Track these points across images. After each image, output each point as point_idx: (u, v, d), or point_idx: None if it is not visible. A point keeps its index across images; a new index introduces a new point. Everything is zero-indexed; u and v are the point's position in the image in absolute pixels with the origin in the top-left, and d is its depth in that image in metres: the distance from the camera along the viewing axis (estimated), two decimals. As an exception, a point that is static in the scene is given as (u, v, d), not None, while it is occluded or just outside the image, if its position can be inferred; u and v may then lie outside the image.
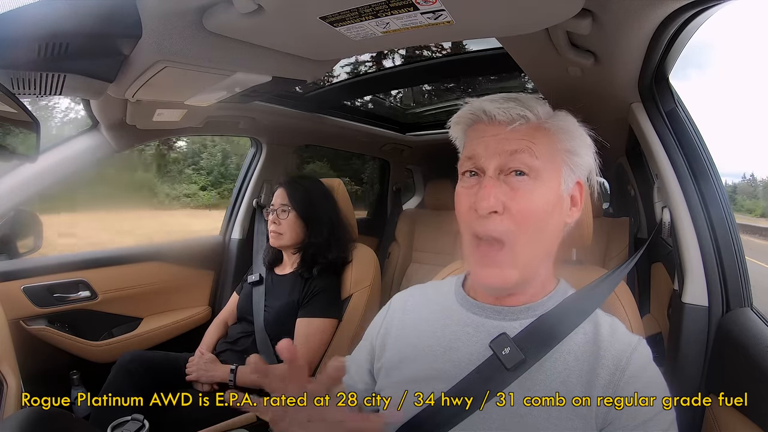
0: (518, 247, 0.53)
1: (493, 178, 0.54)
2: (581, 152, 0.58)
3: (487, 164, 0.54)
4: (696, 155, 0.89)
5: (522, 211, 0.53)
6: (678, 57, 0.85)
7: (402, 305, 0.69)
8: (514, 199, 0.53)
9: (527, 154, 0.53)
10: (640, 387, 0.52)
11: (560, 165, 0.56)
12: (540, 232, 0.54)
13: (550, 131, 0.56)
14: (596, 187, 0.64)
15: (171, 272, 1.55)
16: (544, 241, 0.56)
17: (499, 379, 0.55)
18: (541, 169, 0.54)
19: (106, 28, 0.65)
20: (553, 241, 0.58)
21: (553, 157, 0.55)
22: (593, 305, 0.60)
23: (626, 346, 0.54)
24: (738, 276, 0.83)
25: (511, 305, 0.60)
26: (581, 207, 0.59)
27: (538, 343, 0.55)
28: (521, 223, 0.53)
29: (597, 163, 0.61)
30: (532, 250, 0.54)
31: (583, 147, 0.58)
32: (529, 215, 0.53)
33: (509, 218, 0.53)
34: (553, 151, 0.55)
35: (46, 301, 1.25)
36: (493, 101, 0.56)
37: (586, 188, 0.60)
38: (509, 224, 0.53)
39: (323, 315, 1.23)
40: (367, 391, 0.69)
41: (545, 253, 0.58)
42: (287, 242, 1.31)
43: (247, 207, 1.75)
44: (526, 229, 0.53)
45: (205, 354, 1.26)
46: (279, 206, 1.31)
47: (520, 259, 0.54)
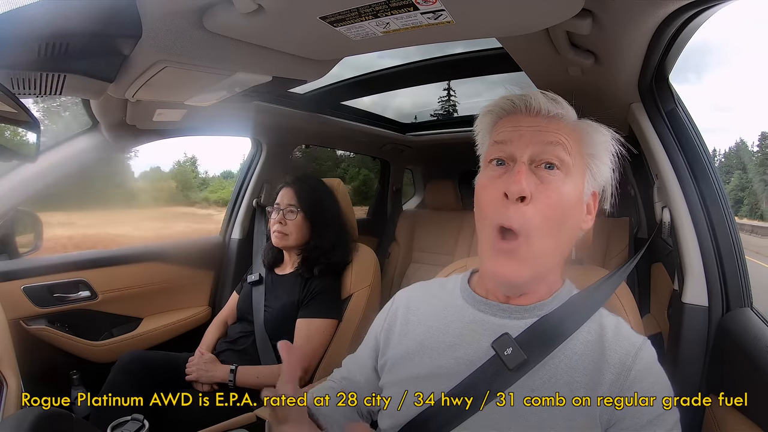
0: (534, 243, 0.52)
1: (525, 165, 0.53)
2: (605, 160, 0.59)
3: (521, 152, 0.53)
4: (696, 155, 0.89)
5: (549, 203, 0.52)
6: (678, 57, 0.85)
7: (406, 302, 0.69)
8: (543, 191, 0.52)
9: (561, 148, 0.53)
10: (644, 387, 0.52)
11: (585, 168, 0.57)
12: (560, 229, 0.54)
13: (581, 133, 0.57)
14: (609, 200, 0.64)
15: (171, 272, 1.55)
16: (560, 240, 0.56)
17: (502, 380, 0.55)
18: (571, 166, 0.54)
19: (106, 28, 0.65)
20: (568, 243, 0.58)
21: (581, 158, 0.57)
22: (595, 306, 0.60)
23: (631, 346, 0.54)
24: (738, 276, 0.83)
25: (517, 304, 0.60)
26: (594, 217, 0.60)
27: (541, 343, 0.55)
28: (545, 216, 0.52)
29: (615, 177, 0.61)
30: (548, 248, 0.54)
31: (605, 157, 0.59)
32: (555, 209, 0.52)
33: (534, 209, 0.52)
34: (581, 152, 0.57)
35: (46, 301, 1.25)
36: (534, 95, 0.57)
37: (599, 200, 0.62)
38: (533, 215, 0.52)
39: (323, 315, 1.23)
40: (371, 388, 0.69)
41: (559, 254, 0.58)
42: (292, 243, 1.30)
43: (247, 207, 1.75)
44: (548, 223, 0.52)
45: (205, 354, 1.26)
46: (286, 206, 1.30)
47: (533, 256, 0.53)
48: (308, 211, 1.30)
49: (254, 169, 1.76)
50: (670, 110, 0.94)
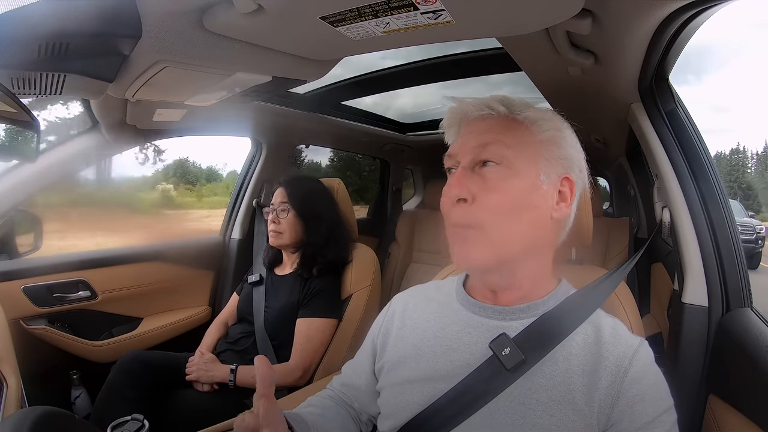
0: (488, 231, 0.54)
1: (465, 169, 0.56)
2: (563, 144, 0.58)
3: (461, 157, 0.57)
4: (696, 155, 0.89)
5: (492, 199, 0.54)
6: (678, 57, 0.85)
7: (403, 305, 0.69)
8: (484, 188, 0.54)
9: (497, 146, 0.55)
10: (642, 389, 0.52)
11: (536, 156, 0.56)
12: (513, 220, 0.54)
13: (523, 123, 0.57)
14: (590, 183, 0.63)
15: (171, 272, 1.55)
16: (520, 230, 0.55)
17: (500, 380, 0.54)
18: (513, 158, 0.55)
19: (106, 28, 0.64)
20: (534, 233, 0.56)
21: (527, 148, 0.56)
22: (594, 305, 0.60)
23: (628, 347, 0.54)
24: (738, 276, 0.83)
25: (509, 304, 0.59)
26: (572, 203, 0.58)
27: (539, 343, 0.55)
28: (491, 211, 0.54)
29: (584, 157, 0.60)
30: (505, 236, 0.54)
31: (563, 139, 0.58)
32: (499, 203, 0.54)
33: (478, 207, 0.54)
34: (526, 142, 0.56)
35: (46, 301, 1.25)
36: (471, 100, 0.59)
37: (578, 184, 0.59)
38: (479, 212, 0.54)
39: (323, 315, 1.24)
40: (371, 391, 0.69)
41: (525, 244, 0.56)
42: (286, 241, 1.31)
43: (247, 207, 1.75)
44: (496, 216, 0.54)
45: (206, 354, 1.26)
46: (278, 205, 1.32)
47: (491, 241, 0.54)
48: (299, 208, 1.30)
49: (254, 169, 1.76)
50: (670, 110, 0.93)
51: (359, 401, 0.71)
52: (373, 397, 0.69)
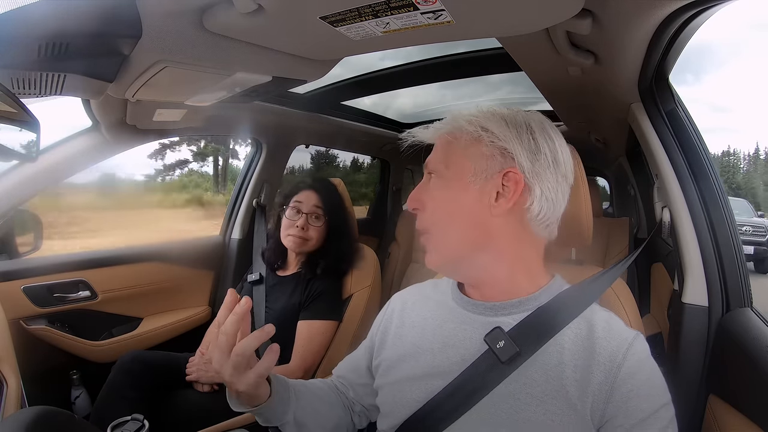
0: (434, 234, 0.61)
1: (421, 182, 0.64)
2: (488, 140, 0.57)
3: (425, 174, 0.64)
4: (696, 155, 0.89)
5: (431, 206, 0.61)
6: (678, 57, 0.85)
7: (401, 304, 0.71)
8: (428, 196, 0.61)
9: (433, 159, 0.62)
10: (636, 384, 0.51)
11: (461, 159, 0.58)
12: (449, 222, 0.59)
13: (452, 133, 0.61)
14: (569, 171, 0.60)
15: (171, 272, 1.55)
16: (459, 229, 0.58)
17: (496, 373, 0.55)
18: (442, 168, 0.60)
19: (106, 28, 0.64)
20: (474, 230, 0.57)
21: (452, 154, 0.60)
22: (589, 300, 0.60)
23: (622, 342, 0.54)
24: (738, 276, 0.83)
25: (497, 300, 0.60)
26: (515, 198, 0.56)
27: (533, 335, 0.56)
28: (432, 216, 0.60)
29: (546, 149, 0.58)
30: (446, 237, 0.59)
31: (495, 135, 0.57)
32: (436, 209, 0.60)
33: (424, 213, 0.61)
34: (452, 149, 0.60)
35: (46, 301, 1.25)
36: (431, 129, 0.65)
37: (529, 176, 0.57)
38: (424, 218, 0.61)
39: (324, 317, 1.23)
40: (363, 385, 0.71)
41: (468, 241, 0.58)
42: (311, 249, 1.27)
43: (247, 207, 1.75)
44: (437, 220, 0.60)
45: (206, 354, 1.26)
46: (312, 210, 1.26)
47: (437, 243, 0.60)
48: (332, 217, 1.27)
49: (254, 169, 1.76)
50: (670, 110, 0.94)
51: (354, 391, 0.73)
52: (366, 390, 0.71)
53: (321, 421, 0.67)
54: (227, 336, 0.52)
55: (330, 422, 0.68)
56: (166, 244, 1.75)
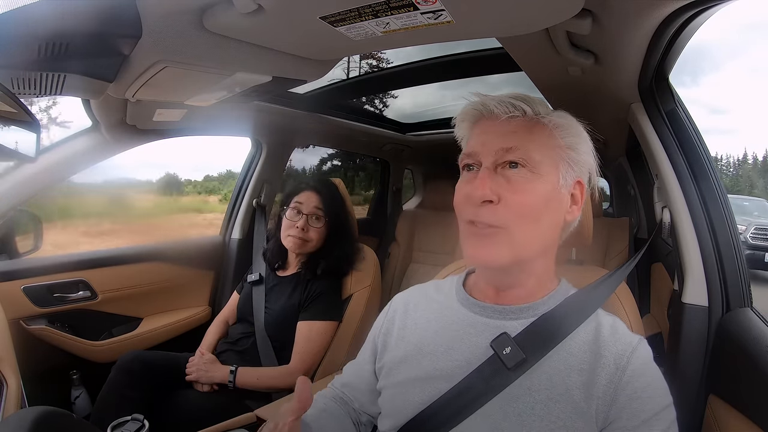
0: (512, 232, 0.54)
1: (489, 170, 0.55)
2: (580, 149, 0.59)
3: (485, 157, 0.56)
4: (696, 155, 0.89)
5: (518, 201, 0.54)
6: (678, 57, 0.85)
7: (403, 305, 0.70)
8: (510, 189, 0.54)
9: (523, 148, 0.55)
10: (640, 386, 0.52)
11: (558, 160, 0.57)
12: (535, 222, 0.55)
13: (547, 127, 0.57)
14: (597, 188, 0.65)
15: (171, 272, 1.55)
16: (540, 232, 0.56)
17: (500, 379, 0.55)
18: (538, 161, 0.55)
19: (106, 28, 0.64)
20: (550, 235, 0.58)
21: (551, 151, 0.56)
22: (594, 305, 0.60)
23: (627, 345, 0.54)
24: (738, 276, 0.83)
25: (510, 304, 0.60)
26: (581, 206, 0.60)
27: (539, 342, 0.56)
28: (517, 213, 0.54)
29: (597, 162, 0.62)
30: (526, 238, 0.55)
31: (581, 144, 0.59)
32: (525, 205, 0.54)
33: (504, 208, 0.54)
34: (550, 146, 0.57)
35: (46, 301, 1.25)
36: (494, 98, 0.58)
37: (587, 189, 0.61)
38: (504, 213, 0.54)
39: (324, 318, 1.23)
40: (369, 392, 0.70)
41: (542, 245, 0.58)
42: (311, 250, 1.28)
43: (247, 207, 1.75)
44: (521, 218, 0.54)
45: (206, 354, 1.26)
46: (312, 211, 1.26)
47: (513, 242, 0.55)
48: (332, 218, 1.27)
49: (254, 169, 1.76)
50: (670, 110, 0.94)
51: (359, 401, 0.72)
52: (373, 397, 0.69)
53: None
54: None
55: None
56: (166, 244, 1.74)
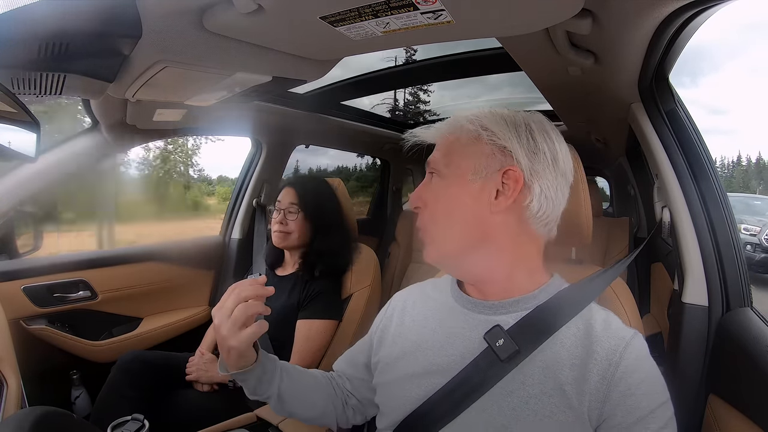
0: (433, 231, 0.62)
1: (424, 181, 0.64)
2: (488, 139, 0.58)
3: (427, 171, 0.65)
4: (696, 155, 0.89)
5: (431, 204, 0.62)
6: (678, 57, 0.85)
7: (402, 303, 0.71)
8: (430, 194, 0.62)
9: (434, 159, 0.63)
10: (634, 383, 0.51)
11: (461, 158, 0.59)
12: (448, 219, 0.60)
13: (454, 133, 0.61)
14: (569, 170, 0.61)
15: (171, 272, 1.55)
16: (461, 226, 0.59)
17: (494, 371, 0.55)
18: (442, 166, 0.61)
19: (106, 28, 0.64)
20: (473, 228, 0.58)
21: (452, 152, 0.60)
22: (587, 299, 0.60)
23: (620, 340, 0.54)
24: (738, 276, 0.83)
25: (496, 299, 0.60)
26: (514, 195, 0.57)
27: (532, 334, 0.56)
28: (431, 215, 0.62)
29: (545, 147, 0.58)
30: (444, 234, 0.60)
31: (495, 134, 0.58)
32: (437, 207, 0.61)
33: (427, 211, 0.62)
34: (451, 150, 0.61)
35: (46, 301, 1.25)
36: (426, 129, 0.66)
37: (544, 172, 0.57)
38: (426, 217, 0.62)
39: (324, 317, 1.23)
40: (360, 379, 0.73)
41: (466, 239, 0.59)
42: (293, 243, 1.30)
43: (247, 207, 1.75)
44: (434, 218, 0.61)
45: (206, 354, 1.26)
46: (287, 206, 1.30)
47: (437, 240, 0.62)
48: (309, 211, 1.29)
49: (254, 169, 1.76)
50: (670, 110, 0.94)
51: (351, 383, 0.74)
52: (362, 384, 0.72)
53: (306, 404, 0.70)
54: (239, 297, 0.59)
55: (316, 407, 0.71)
56: (166, 244, 1.75)
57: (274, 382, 0.66)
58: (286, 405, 0.68)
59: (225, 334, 0.58)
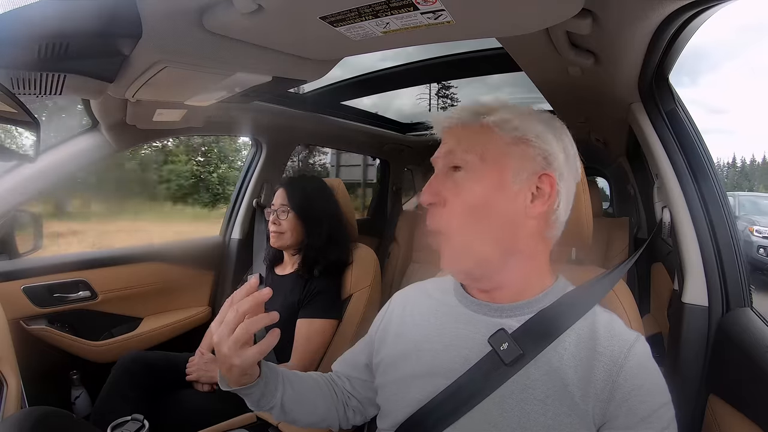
0: (457, 236, 0.56)
1: (439, 174, 0.59)
2: (535, 142, 0.57)
3: (436, 163, 0.60)
4: (696, 155, 0.89)
5: (458, 203, 0.56)
6: (678, 57, 0.85)
7: (402, 303, 0.70)
8: (453, 191, 0.57)
9: (460, 150, 0.57)
10: (637, 384, 0.52)
11: (501, 157, 0.56)
12: (480, 222, 0.56)
13: (489, 126, 0.57)
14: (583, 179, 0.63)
15: (171, 272, 1.55)
16: (491, 232, 0.56)
17: (498, 375, 0.55)
18: (476, 162, 0.56)
19: (106, 28, 0.64)
20: (507, 233, 0.56)
21: (491, 150, 0.56)
22: (591, 302, 0.60)
23: (624, 343, 0.54)
24: (738, 276, 0.83)
25: (505, 302, 0.60)
26: (550, 200, 0.57)
27: (536, 338, 0.56)
28: (458, 215, 0.56)
29: (574, 152, 0.59)
30: (476, 239, 0.56)
31: (538, 137, 0.57)
32: (465, 207, 0.56)
33: (448, 210, 0.56)
34: (491, 145, 0.57)
35: (46, 301, 1.25)
36: (440, 115, 0.61)
37: (569, 180, 0.59)
38: (447, 216, 0.56)
39: (324, 316, 1.23)
40: (361, 380, 0.72)
41: (499, 244, 0.56)
42: (287, 243, 1.31)
43: (247, 207, 1.75)
44: (466, 219, 0.56)
45: (206, 354, 1.26)
46: (279, 206, 1.31)
47: (462, 247, 0.56)
48: (299, 210, 1.30)
49: (254, 169, 1.76)
50: (670, 110, 0.93)
51: (351, 384, 0.73)
52: (362, 384, 0.71)
53: (308, 409, 0.68)
54: (238, 313, 0.54)
55: (317, 412, 0.69)
56: (166, 244, 1.75)
57: (277, 393, 0.63)
58: (288, 414, 0.65)
59: (227, 353, 0.54)
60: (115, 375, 1.14)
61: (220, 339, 0.54)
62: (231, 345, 0.54)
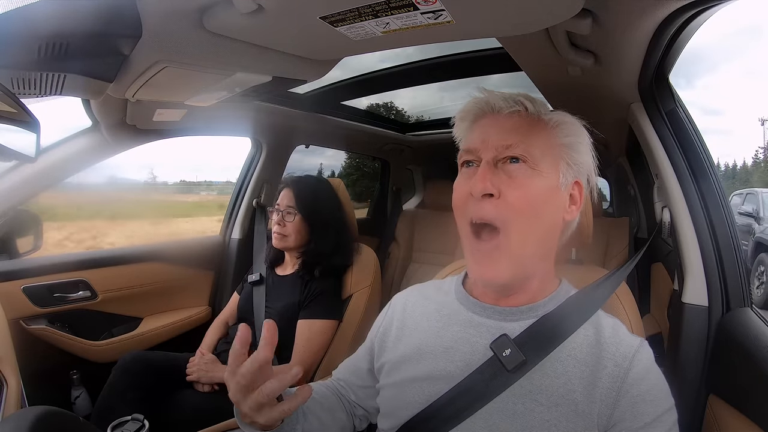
0: (513, 236, 0.53)
1: (489, 164, 0.54)
2: (580, 150, 0.58)
3: (485, 152, 0.55)
4: (696, 155, 0.89)
5: (518, 196, 0.53)
6: (678, 57, 0.85)
7: (402, 305, 0.70)
8: (510, 185, 0.53)
9: (524, 144, 0.54)
10: (642, 389, 0.52)
11: (557, 159, 0.56)
12: (536, 221, 0.54)
13: (548, 125, 0.57)
14: (595, 189, 0.64)
15: (171, 272, 1.55)
16: (541, 232, 0.55)
17: (500, 381, 0.55)
18: (538, 158, 0.54)
19: (106, 28, 0.64)
20: (550, 235, 0.58)
21: (551, 150, 0.56)
22: (594, 306, 0.60)
23: (628, 348, 0.54)
24: (738, 276, 0.83)
25: (511, 305, 0.59)
26: (580, 207, 0.60)
27: (539, 344, 0.55)
28: (517, 209, 0.53)
29: (596, 164, 0.61)
30: (528, 241, 0.54)
31: (582, 145, 0.59)
32: (525, 201, 0.53)
33: (504, 203, 0.53)
34: (550, 144, 0.56)
35: (46, 301, 1.25)
36: (497, 94, 0.58)
37: (585, 189, 0.61)
38: (504, 209, 0.53)
39: (324, 317, 1.23)
40: (364, 387, 0.70)
41: (543, 248, 0.57)
42: (291, 245, 1.30)
43: (247, 207, 1.75)
44: (520, 214, 0.53)
45: (206, 354, 1.26)
46: (285, 208, 1.29)
47: (515, 251, 0.54)
48: (306, 212, 1.29)
49: (254, 169, 1.76)
50: (670, 110, 0.93)
51: (355, 394, 0.72)
52: (367, 393, 0.70)
53: (326, 430, 0.65)
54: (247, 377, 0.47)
55: (333, 429, 0.67)
56: (166, 244, 1.75)
57: (298, 426, 0.58)
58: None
59: (247, 412, 0.48)
60: (115, 375, 1.14)
61: (237, 396, 0.48)
62: (252, 405, 0.48)
